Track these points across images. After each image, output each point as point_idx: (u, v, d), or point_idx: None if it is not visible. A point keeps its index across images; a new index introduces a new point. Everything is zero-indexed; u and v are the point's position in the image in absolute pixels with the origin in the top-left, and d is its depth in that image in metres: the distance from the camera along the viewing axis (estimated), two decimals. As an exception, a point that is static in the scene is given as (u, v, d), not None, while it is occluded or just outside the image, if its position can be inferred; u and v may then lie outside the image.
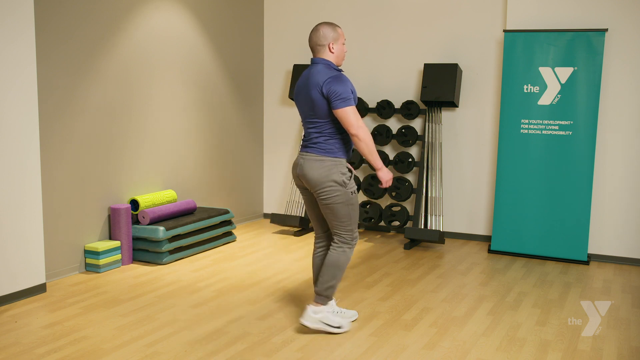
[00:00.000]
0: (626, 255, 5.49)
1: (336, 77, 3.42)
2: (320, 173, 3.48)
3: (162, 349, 3.41)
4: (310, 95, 3.46)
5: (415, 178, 6.32)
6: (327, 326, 3.63)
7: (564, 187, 5.48)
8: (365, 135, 3.42)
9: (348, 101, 3.37)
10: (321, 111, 3.45)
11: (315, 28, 3.53)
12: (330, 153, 3.50)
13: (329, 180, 3.47)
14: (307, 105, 3.52)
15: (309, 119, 3.54)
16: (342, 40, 3.55)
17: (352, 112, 3.38)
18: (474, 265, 5.32)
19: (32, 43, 4.17)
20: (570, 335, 3.75)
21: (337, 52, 3.53)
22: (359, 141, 3.41)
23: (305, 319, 3.65)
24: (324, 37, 3.49)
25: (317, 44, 3.51)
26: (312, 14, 6.72)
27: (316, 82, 3.43)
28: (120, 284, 4.59)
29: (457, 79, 5.90)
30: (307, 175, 3.51)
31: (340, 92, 3.36)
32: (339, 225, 3.57)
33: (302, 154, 3.57)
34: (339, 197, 3.49)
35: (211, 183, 6.33)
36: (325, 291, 3.64)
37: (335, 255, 3.61)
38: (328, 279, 3.62)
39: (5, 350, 3.37)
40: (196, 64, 5.99)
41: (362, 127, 3.41)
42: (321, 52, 3.52)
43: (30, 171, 4.21)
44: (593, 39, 5.32)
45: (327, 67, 3.49)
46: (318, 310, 3.64)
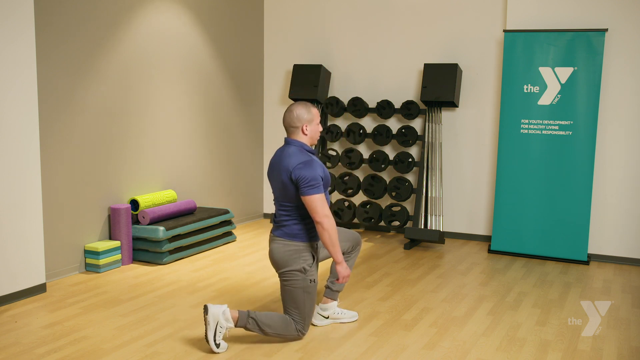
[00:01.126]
0: (626, 255, 5.49)
1: (307, 162, 3.40)
2: (283, 257, 3.49)
3: (162, 349, 3.41)
4: (280, 178, 3.47)
5: (415, 178, 6.32)
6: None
7: (564, 187, 5.48)
8: (329, 225, 3.37)
9: (316, 188, 3.35)
10: (290, 195, 3.46)
11: (289, 109, 3.52)
12: (296, 237, 3.50)
13: (291, 265, 3.48)
14: (277, 187, 3.54)
15: (280, 200, 3.55)
16: (316, 121, 3.54)
17: (319, 200, 3.36)
18: (474, 265, 5.32)
19: (32, 43, 4.17)
20: (570, 335, 3.75)
21: (311, 134, 3.53)
22: (323, 230, 3.38)
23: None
24: (298, 119, 3.48)
25: (290, 125, 3.51)
26: (312, 14, 6.72)
27: (286, 167, 3.43)
28: (120, 284, 4.59)
29: (457, 79, 5.90)
30: (273, 258, 3.54)
31: (309, 179, 3.35)
32: (293, 312, 3.53)
33: (272, 236, 3.59)
34: (297, 282, 3.49)
35: (211, 183, 6.33)
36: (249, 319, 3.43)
37: (286, 319, 3.50)
38: (264, 320, 3.44)
39: (5, 350, 3.37)
40: (196, 64, 5.99)
41: (328, 216, 3.37)
42: (294, 133, 3.52)
43: (30, 171, 4.21)
44: (593, 39, 5.32)
45: (299, 150, 3.47)
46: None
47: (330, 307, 3.83)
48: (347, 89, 6.63)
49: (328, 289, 3.86)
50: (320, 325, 3.81)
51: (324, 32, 6.70)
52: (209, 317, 3.32)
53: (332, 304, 3.84)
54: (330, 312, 3.83)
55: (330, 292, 3.85)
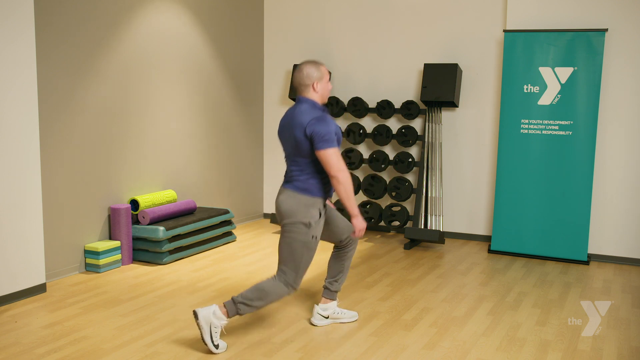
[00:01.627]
0: (626, 255, 5.49)
1: (320, 118, 3.40)
2: (291, 208, 3.48)
3: (162, 349, 3.41)
4: (293, 135, 3.46)
5: (415, 178, 6.32)
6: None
7: (564, 187, 5.48)
8: (345, 178, 3.40)
9: (330, 142, 3.36)
10: (304, 151, 3.46)
11: (299, 67, 3.53)
12: (308, 192, 3.49)
13: (297, 217, 3.46)
14: (290, 144, 3.53)
15: (292, 157, 3.54)
16: (326, 78, 3.54)
17: (334, 154, 3.38)
18: (474, 265, 5.32)
19: (32, 43, 4.17)
20: (570, 335, 3.75)
21: (321, 91, 3.53)
22: (338, 184, 3.39)
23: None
24: (308, 76, 3.49)
25: (300, 84, 3.51)
26: (312, 14, 6.73)
27: (300, 123, 3.42)
28: (120, 284, 4.59)
29: (457, 79, 5.90)
30: (280, 208, 3.52)
31: (324, 134, 3.35)
32: (288, 262, 3.48)
33: (282, 189, 3.59)
34: (300, 234, 3.46)
35: (211, 183, 6.33)
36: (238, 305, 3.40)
37: (270, 283, 3.48)
38: (251, 296, 3.43)
39: (5, 350, 3.37)
40: (196, 64, 5.99)
41: (343, 170, 3.39)
42: (305, 91, 3.52)
43: (30, 171, 4.21)
44: (593, 39, 5.32)
45: (311, 107, 3.47)
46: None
47: (330, 307, 3.83)
48: (347, 89, 6.63)
49: (326, 290, 3.85)
50: (320, 325, 3.81)
51: (324, 32, 6.70)
52: (200, 322, 3.31)
53: (331, 304, 3.84)
54: (330, 312, 3.84)
55: (328, 292, 3.85)
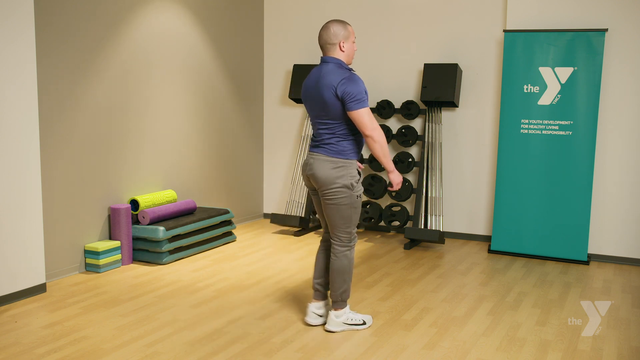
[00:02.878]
0: (626, 255, 5.49)
1: (349, 77, 3.37)
2: (330, 174, 3.45)
3: (162, 349, 3.41)
4: (322, 96, 3.40)
5: (415, 178, 6.32)
6: (352, 326, 3.73)
7: (564, 187, 5.48)
8: (380, 136, 3.39)
9: (363, 102, 3.34)
10: (334, 112, 3.41)
11: (325, 26, 3.47)
12: (342, 154, 3.46)
13: (338, 182, 3.45)
14: (318, 106, 3.46)
15: (321, 119, 3.48)
16: (352, 39, 3.49)
17: (367, 113, 3.35)
18: (474, 265, 5.32)
19: (32, 43, 4.17)
20: (570, 335, 3.75)
21: (348, 51, 3.48)
22: (374, 142, 3.38)
23: (329, 325, 3.70)
24: (335, 35, 3.44)
25: (327, 42, 3.45)
26: (312, 14, 6.72)
27: (329, 83, 3.37)
28: (120, 284, 4.59)
29: (457, 79, 5.90)
30: (316, 175, 3.48)
31: (355, 94, 3.32)
32: (339, 226, 3.56)
33: (312, 154, 3.53)
34: (344, 199, 3.47)
35: (211, 183, 6.33)
36: (340, 296, 3.67)
37: (339, 262, 3.61)
38: (339, 285, 3.65)
39: (5, 350, 3.37)
40: (196, 64, 5.99)
41: (377, 128, 3.38)
42: (332, 50, 3.46)
43: (30, 171, 4.21)
44: (593, 39, 5.32)
45: (338, 67, 3.43)
46: (339, 314, 3.71)
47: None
48: (347, 89, 6.61)
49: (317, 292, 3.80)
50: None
51: (324, 32, 6.69)
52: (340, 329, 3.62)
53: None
54: (322, 311, 3.78)
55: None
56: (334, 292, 3.67)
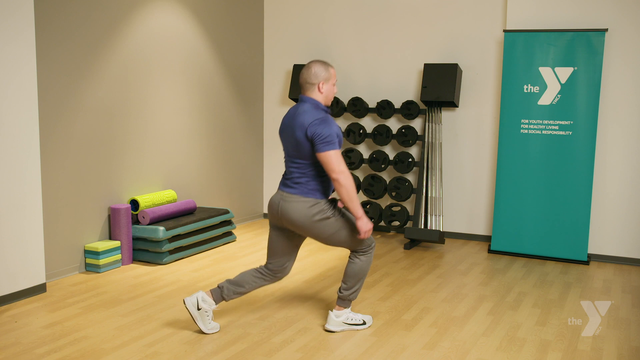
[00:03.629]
0: (626, 255, 5.49)
1: (322, 119, 3.37)
2: (305, 214, 3.45)
3: (162, 349, 3.41)
4: (294, 135, 3.43)
5: (415, 178, 6.31)
6: (352, 326, 3.73)
7: (564, 187, 5.48)
8: (347, 180, 3.35)
9: (332, 145, 3.33)
10: (305, 152, 3.42)
11: (307, 65, 3.49)
12: (311, 194, 3.47)
13: (315, 219, 3.46)
14: (291, 145, 3.49)
15: (293, 158, 3.51)
16: (333, 81, 3.51)
17: (335, 156, 3.34)
18: (474, 265, 5.32)
19: (32, 43, 4.17)
20: (570, 335, 3.75)
21: (326, 93, 3.49)
22: (340, 186, 3.36)
23: (329, 324, 3.70)
24: (315, 75, 3.46)
25: (307, 82, 3.47)
26: (312, 14, 6.72)
27: (301, 123, 3.39)
28: (120, 284, 4.59)
29: (457, 79, 5.90)
30: (291, 218, 3.47)
31: (325, 136, 3.32)
32: (351, 245, 3.59)
33: (282, 193, 3.52)
34: (332, 227, 3.49)
35: (211, 183, 6.33)
36: (350, 295, 3.69)
37: (359, 265, 3.64)
38: (353, 284, 3.67)
39: (5, 350, 3.37)
40: (196, 63, 5.99)
41: (344, 172, 3.35)
42: (310, 90, 3.48)
43: (30, 171, 4.21)
44: (593, 39, 5.32)
45: (314, 107, 3.44)
46: (340, 314, 3.71)
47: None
48: (347, 89, 6.63)
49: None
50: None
51: (324, 32, 6.70)
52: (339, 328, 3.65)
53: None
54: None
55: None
56: (345, 291, 3.68)
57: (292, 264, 3.74)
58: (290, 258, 3.71)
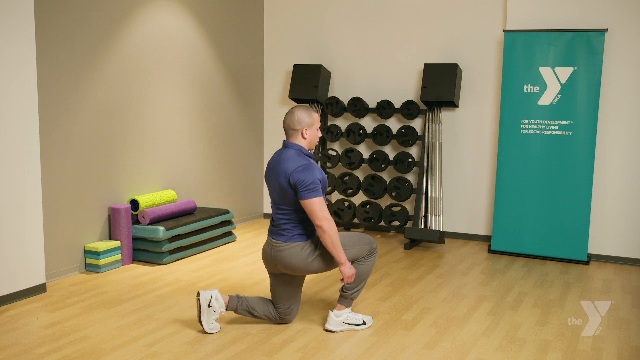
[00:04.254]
0: (626, 255, 5.49)
1: (305, 166, 3.40)
2: (299, 258, 3.52)
3: (162, 349, 3.41)
4: (278, 182, 3.47)
5: (415, 178, 6.31)
6: (352, 325, 3.74)
7: (564, 187, 5.48)
8: (330, 227, 3.38)
9: (315, 192, 3.36)
10: (288, 199, 3.47)
11: (290, 111, 3.53)
12: (298, 238, 3.53)
13: (309, 260, 3.53)
14: (275, 191, 3.54)
15: (278, 204, 3.55)
16: (316, 126, 3.54)
17: (319, 203, 3.37)
18: (474, 265, 5.32)
19: (32, 43, 4.17)
20: (570, 335, 3.75)
21: (310, 138, 3.53)
22: (323, 233, 3.39)
23: (329, 324, 3.71)
24: (299, 122, 3.49)
25: (290, 127, 3.51)
26: (312, 14, 6.72)
27: (284, 170, 3.43)
28: (120, 284, 4.59)
29: (457, 79, 5.90)
30: (286, 264, 3.54)
31: (308, 183, 3.35)
32: (355, 258, 3.63)
33: (273, 243, 3.58)
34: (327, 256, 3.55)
35: (211, 183, 6.33)
36: (353, 294, 3.71)
37: (363, 266, 3.67)
38: (356, 284, 3.69)
39: (5, 350, 3.37)
40: (196, 64, 5.99)
41: (328, 218, 3.38)
42: (293, 136, 3.52)
43: (30, 171, 4.21)
44: (593, 39, 5.32)
45: (297, 154, 3.48)
46: (340, 314, 3.72)
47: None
48: (347, 89, 6.63)
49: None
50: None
51: (324, 32, 6.70)
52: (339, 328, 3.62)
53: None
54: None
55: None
56: (348, 291, 3.69)
57: (297, 307, 3.80)
58: (294, 301, 3.77)
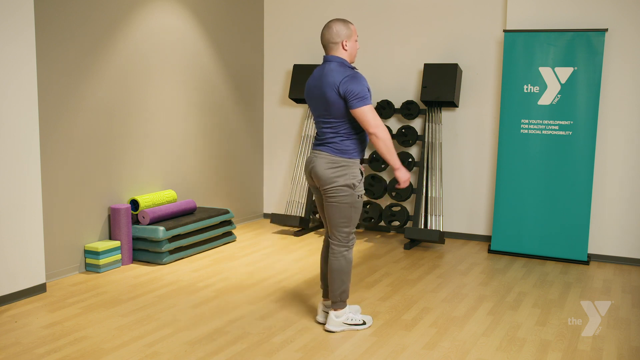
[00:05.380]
0: (626, 255, 5.49)
1: (352, 76, 3.38)
2: (332, 173, 3.46)
3: (162, 349, 3.41)
4: (325, 95, 3.42)
5: (415, 178, 6.32)
6: (352, 326, 3.73)
7: (564, 187, 5.48)
8: (384, 134, 3.39)
9: (366, 100, 3.35)
10: (337, 111, 3.42)
11: (327, 25, 3.49)
12: (345, 153, 3.47)
13: (339, 181, 3.46)
14: (321, 105, 3.48)
15: (324, 118, 3.50)
16: (354, 37, 3.51)
17: (370, 111, 3.36)
18: (474, 265, 5.32)
19: (32, 43, 4.17)
20: (570, 335, 3.75)
21: (351, 50, 3.49)
22: (378, 140, 3.38)
23: (329, 325, 3.70)
24: (337, 34, 3.45)
25: (329, 42, 3.47)
26: (313, 14, 6.72)
27: (332, 82, 3.38)
28: (120, 284, 4.59)
29: (457, 79, 5.90)
30: (319, 173, 3.49)
31: (358, 92, 3.33)
32: (338, 225, 3.56)
33: (316, 152, 3.54)
34: (345, 197, 3.48)
35: (211, 183, 6.33)
36: (339, 297, 3.68)
37: (337, 262, 3.62)
38: (338, 285, 3.65)
39: (5, 350, 3.37)
40: (196, 64, 5.99)
41: (381, 125, 3.38)
42: (334, 49, 3.48)
43: (30, 171, 4.21)
44: (593, 39, 5.32)
45: (341, 65, 3.44)
46: (339, 314, 3.71)
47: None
48: (347, 89, 6.62)
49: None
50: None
51: (324, 32, 6.69)
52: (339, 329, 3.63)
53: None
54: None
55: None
56: (332, 293, 3.67)
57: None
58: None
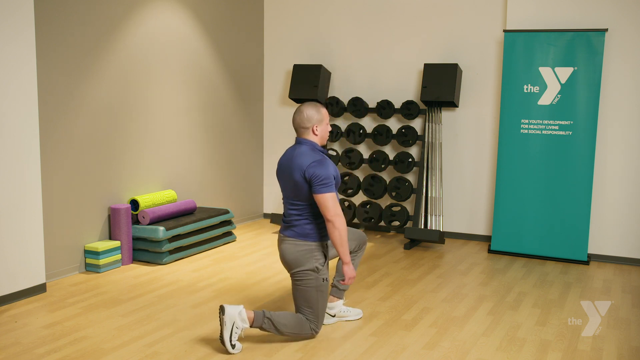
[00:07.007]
0: (626, 255, 5.49)
1: (320, 161, 3.42)
2: (295, 257, 3.50)
3: (162, 349, 3.41)
4: (292, 177, 3.47)
5: (415, 178, 6.31)
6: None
7: (564, 187, 5.48)
8: (341, 224, 3.39)
9: (329, 187, 3.38)
10: (302, 194, 3.47)
11: (298, 109, 3.53)
12: (308, 237, 3.51)
13: (305, 265, 3.49)
14: (288, 187, 3.54)
15: (291, 199, 3.55)
16: (326, 121, 3.56)
17: (332, 198, 3.38)
18: (474, 265, 5.32)
19: (32, 43, 4.17)
20: (570, 335, 3.75)
21: (321, 134, 3.55)
22: (334, 229, 3.39)
23: None
24: (308, 119, 3.50)
25: (300, 126, 3.53)
26: (313, 15, 6.72)
27: (299, 165, 3.43)
28: (120, 284, 4.59)
29: (457, 79, 5.90)
30: (286, 258, 3.54)
31: (323, 177, 3.37)
32: (307, 311, 3.55)
33: (282, 236, 3.59)
34: (310, 281, 3.50)
35: (211, 183, 6.33)
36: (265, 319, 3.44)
37: (301, 318, 3.53)
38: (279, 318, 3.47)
39: (5, 350, 3.37)
40: (196, 64, 5.99)
41: (340, 215, 3.40)
42: (305, 133, 3.54)
43: (30, 171, 4.21)
44: (593, 39, 5.32)
45: (311, 149, 3.49)
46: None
47: (336, 305, 3.85)
48: (347, 89, 6.63)
49: (334, 288, 3.88)
50: (328, 323, 3.83)
51: (324, 32, 6.70)
52: (225, 318, 3.32)
53: (338, 303, 3.86)
54: (336, 310, 3.85)
55: (336, 290, 3.87)
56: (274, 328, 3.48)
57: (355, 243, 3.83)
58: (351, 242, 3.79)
